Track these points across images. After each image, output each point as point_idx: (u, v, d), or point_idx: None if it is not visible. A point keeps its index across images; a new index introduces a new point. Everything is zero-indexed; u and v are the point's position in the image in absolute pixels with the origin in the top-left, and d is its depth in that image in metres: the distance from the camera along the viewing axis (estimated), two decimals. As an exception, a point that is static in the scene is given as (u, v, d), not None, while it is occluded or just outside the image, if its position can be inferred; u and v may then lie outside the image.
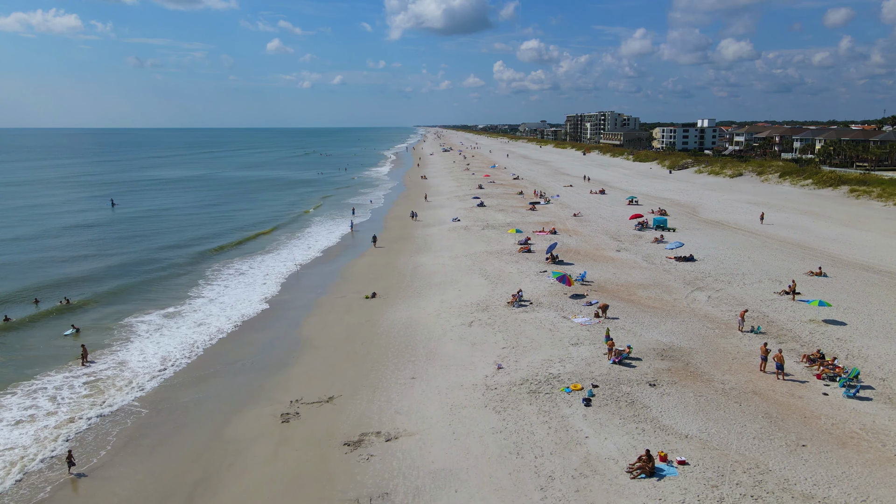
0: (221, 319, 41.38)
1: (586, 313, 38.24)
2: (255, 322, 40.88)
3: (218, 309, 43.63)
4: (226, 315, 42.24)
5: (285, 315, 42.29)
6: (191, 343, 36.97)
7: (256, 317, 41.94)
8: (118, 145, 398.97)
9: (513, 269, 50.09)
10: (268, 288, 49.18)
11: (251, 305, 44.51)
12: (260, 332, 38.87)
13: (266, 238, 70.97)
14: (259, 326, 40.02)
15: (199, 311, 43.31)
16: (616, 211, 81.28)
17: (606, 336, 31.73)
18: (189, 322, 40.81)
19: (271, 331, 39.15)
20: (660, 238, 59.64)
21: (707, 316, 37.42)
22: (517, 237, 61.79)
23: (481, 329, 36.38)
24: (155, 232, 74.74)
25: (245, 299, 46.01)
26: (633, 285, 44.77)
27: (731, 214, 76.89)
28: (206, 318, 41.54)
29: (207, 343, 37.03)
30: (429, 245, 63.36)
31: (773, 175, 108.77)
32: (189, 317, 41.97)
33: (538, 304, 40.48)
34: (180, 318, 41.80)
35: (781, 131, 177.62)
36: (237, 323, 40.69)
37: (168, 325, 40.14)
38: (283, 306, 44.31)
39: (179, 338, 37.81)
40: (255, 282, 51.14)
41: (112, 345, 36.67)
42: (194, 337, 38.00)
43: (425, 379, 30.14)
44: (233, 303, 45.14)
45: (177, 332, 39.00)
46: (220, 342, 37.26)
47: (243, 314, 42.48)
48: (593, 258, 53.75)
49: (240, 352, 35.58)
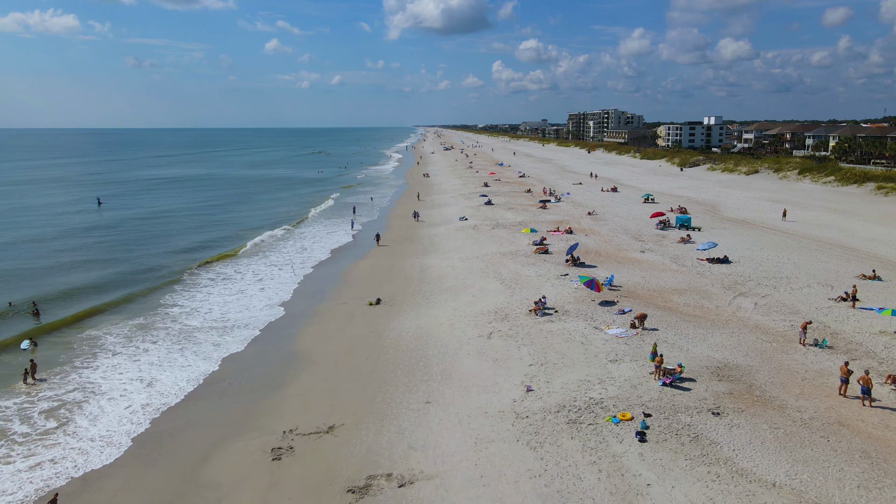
0: (205, 331, 36.82)
1: (620, 323, 33.74)
2: (245, 333, 36.32)
3: (201, 319, 39.08)
4: (210, 325, 37.70)
5: (279, 325, 37.76)
6: (167, 359, 32.41)
7: (246, 327, 37.40)
8: (114, 145, 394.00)
9: (530, 273, 45.61)
10: (259, 294, 44.65)
11: (240, 314, 39.97)
12: (250, 346, 34.32)
13: (258, 239, 66.42)
14: (249, 338, 35.47)
15: (179, 320, 38.75)
16: (632, 209, 76.79)
17: (653, 352, 27.20)
18: (166, 334, 36.24)
19: (263, 343, 34.61)
20: (686, 238, 55.15)
21: (758, 326, 32.91)
22: (532, 237, 57.29)
23: (503, 342, 31.88)
24: (140, 233, 70.19)
25: (233, 307, 41.47)
26: (666, 290, 40.28)
27: (755, 213, 72.45)
28: (187, 329, 36.98)
29: (186, 359, 32.48)
30: (436, 246, 58.87)
31: (791, 172, 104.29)
32: (167, 328, 37.42)
33: (564, 312, 35.98)
34: (156, 330, 37.23)
35: (792, 128, 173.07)
36: (223, 334, 36.13)
37: (141, 339, 35.56)
38: (276, 315, 39.77)
39: (154, 353, 33.25)
40: (246, 288, 46.58)
41: (73, 361, 32.10)
42: (171, 352, 33.45)
43: (442, 404, 25.64)
44: (219, 311, 40.59)
45: (151, 346, 34.43)
46: (202, 358, 32.71)
47: (230, 324, 37.94)
48: (616, 260, 49.26)
49: (225, 369, 31.04)
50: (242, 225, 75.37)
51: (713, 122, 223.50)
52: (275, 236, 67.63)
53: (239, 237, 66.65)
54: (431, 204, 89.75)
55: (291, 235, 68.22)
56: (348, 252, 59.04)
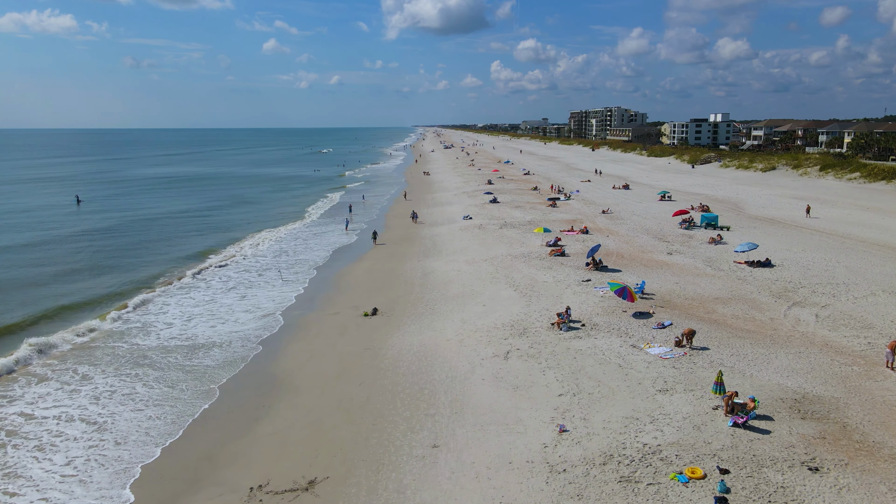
0: (165, 352, 31.42)
1: (661, 340, 28.40)
2: (216, 351, 30.92)
3: (165, 333, 33.68)
4: (176, 341, 32.31)
5: (257, 341, 32.36)
6: (112, 387, 27.02)
7: (218, 343, 31.98)
8: (108, 144, 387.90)
9: (547, 278, 40.26)
10: (238, 304, 39.26)
11: (211, 329, 34.58)
12: (218, 369, 28.90)
13: (244, 241, 61.00)
14: (220, 357, 30.07)
15: (140, 335, 33.37)
16: (649, 207, 71.45)
17: (718, 383, 21.74)
18: (113, 356, 30.84)
19: (235, 365, 29.19)
20: (717, 238, 49.78)
21: (828, 344, 27.57)
22: (545, 237, 51.93)
23: (523, 364, 26.54)
24: (116, 234, 64.75)
25: (204, 321, 36.09)
26: (707, 299, 34.93)
27: (781, 211, 67.13)
28: (142, 350, 31.58)
29: (135, 387, 27.09)
30: (439, 247, 53.50)
31: (812, 168, 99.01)
32: (124, 342, 32.03)
33: (593, 326, 30.62)
34: (105, 349, 31.84)
35: (804, 125, 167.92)
36: (188, 355, 30.72)
37: (85, 359, 30.19)
38: (255, 329, 34.39)
39: (97, 380, 27.85)
40: (222, 298, 41.19)
41: None
42: (119, 377, 28.06)
43: (453, 448, 20.30)
44: (188, 323, 35.22)
45: (93, 370, 29.04)
46: (161, 382, 27.31)
47: (200, 339, 32.55)
48: (642, 263, 43.92)
49: (187, 397, 25.67)
50: (229, 226, 69.98)
51: (720, 120, 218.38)
52: (262, 238, 62.21)
53: (223, 239, 61.22)
54: (433, 202, 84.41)
55: (280, 237, 62.82)
56: (342, 254, 53.67)
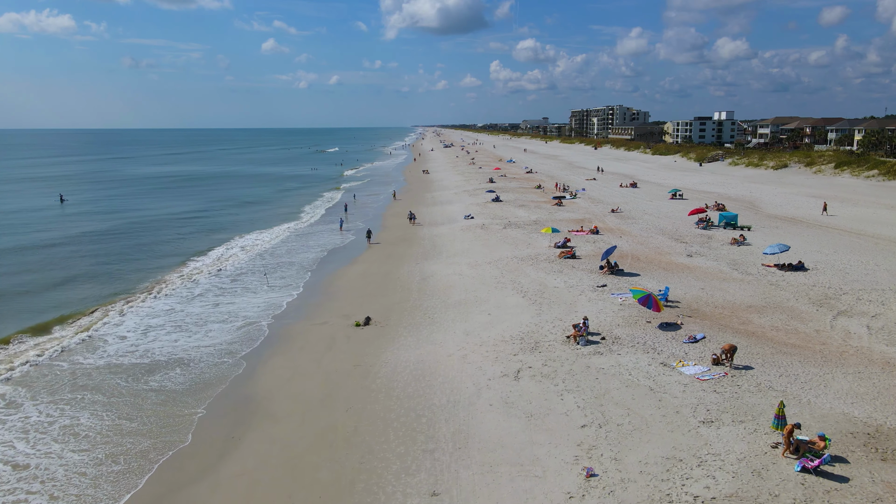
0: (121, 368, 27.68)
1: (695, 356, 24.67)
2: (185, 368, 27.13)
3: (116, 348, 29.83)
4: (129, 358, 28.51)
5: (232, 355, 28.59)
6: (50, 419, 23.27)
7: (183, 360, 28.18)
8: (103, 144, 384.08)
9: (558, 283, 36.53)
10: (214, 312, 35.50)
11: (181, 342, 30.81)
12: (184, 392, 25.12)
13: (234, 240, 57.23)
14: (183, 378, 26.28)
15: (85, 351, 29.62)
16: (661, 206, 67.72)
17: (780, 417, 17.88)
18: (60, 374, 27.11)
19: (203, 386, 25.39)
20: (740, 239, 46.06)
21: (890, 362, 23.83)
22: (553, 238, 48.20)
23: (536, 386, 22.80)
24: (96, 234, 60.98)
25: (171, 330, 32.33)
26: (739, 307, 31.20)
27: (802, 210, 63.41)
28: (91, 364, 27.83)
29: (80, 418, 23.34)
30: (439, 248, 49.75)
31: (826, 166, 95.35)
32: (65, 360, 28.27)
33: (615, 339, 26.89)
34: (55, 358, 28.09)
35: (812, 122, 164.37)
36: (153, 370, 26.97)
37: (21, 380, 26.44)
38: (231, 340, 30.61)
39: (32, 413, 24.11)
40: (194, 306, 37.45)
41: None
42: (59, 403, 24.31)
43: (457, 497, 16.59)
44: (145, 336, 31.43)
45: (29, 402, 25.30)
46: (117, 405, 23.55)
47: (159, 356, 28.77)
48: (661, 266, 40.20)
49: (146, 426, 21.90)
50: (216, 227, 66.22)
51: (724, 118, 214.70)
52: (250, 240, 58.44)
53: (208, 242, 57.32)
54: (432, 201, 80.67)
55: (270, 238, 59.04)
56: (335, 256, 49.91)
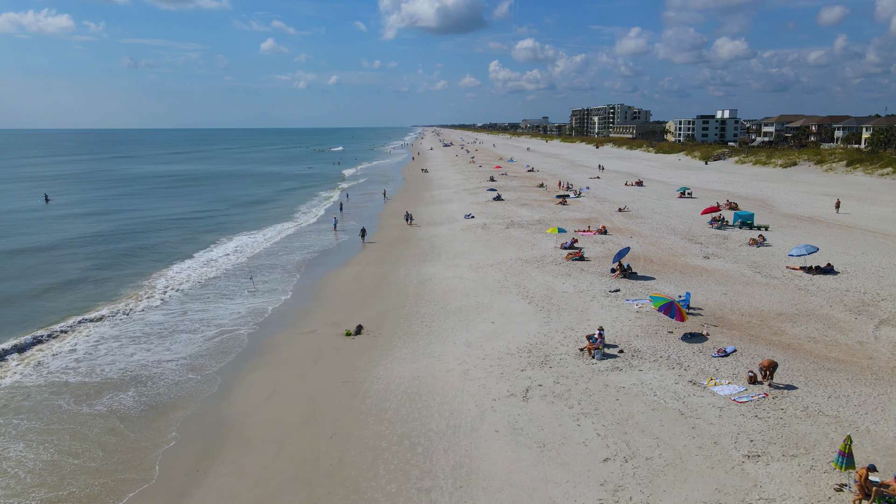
0: (76, 387, 24.75)
1: (728, 373, 21.78)
2: (141, 388, 24.18)
3: (72, 360, 26.93)
4: (83, 374, 25.57)
5: (204, 369, 25.65)
6: (1, 435, 20.36)
7: (149, 375, 25.25)
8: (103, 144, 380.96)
9: (567, 287, 33.64)
10: (189, 320, 32.57)
11: (143, 351, 27.89)
12: (143, 415, 22.18)
13: (220, 241, 54.31)
14: (146, 397, 23.35)
15: (46, 361, 26.69)
16: (670, 205, 64.87)
17: (846, 454, 14.88)
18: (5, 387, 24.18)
19: (170, 406, 22.43)
20: (759, 240, 43.18)
21: (951, 380, 20.96)
22: (559, 238, 45.32)
23: (548, 408, 19.91)
24: (77, 235, 58.01)
25: (139, 340, 29.41)
26: (768, 315, 28.32)
27: (817, 208, 60.61)
28: (46, 378, 24.92)
29: (28, 437, 20.42)
30: (438, 250, 46.86)
31: (837, 164, 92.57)
32: (19, 372, 25.35)
33: (634, 352, 23.99)
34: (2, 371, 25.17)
35: (818, 120, 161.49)
36: (102, 391, 24.02)
37: None
38: (205, 352, 27.68)
39: (6, 422, 21.18)
40: (162, 314, 34.54)
41: None
42: (6, 428, 21.40)
43: (458, 553, 13.67)
44: (108, 348, 28.51)
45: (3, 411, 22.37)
46: (57, 435, 20.63)
47: (122, 371, 25.83)
48: (678, 269, 37.32)
49: (93, 462, 18.98)
50: (204, 227, 63.28)
51: (727, 116, 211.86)
52: (239, 241, 55.52)
53: (193, 243, 54.38)
54: (431, 200, 77.77)
55: (261, 238, 56.12)
56: (328, 258, 47.01)
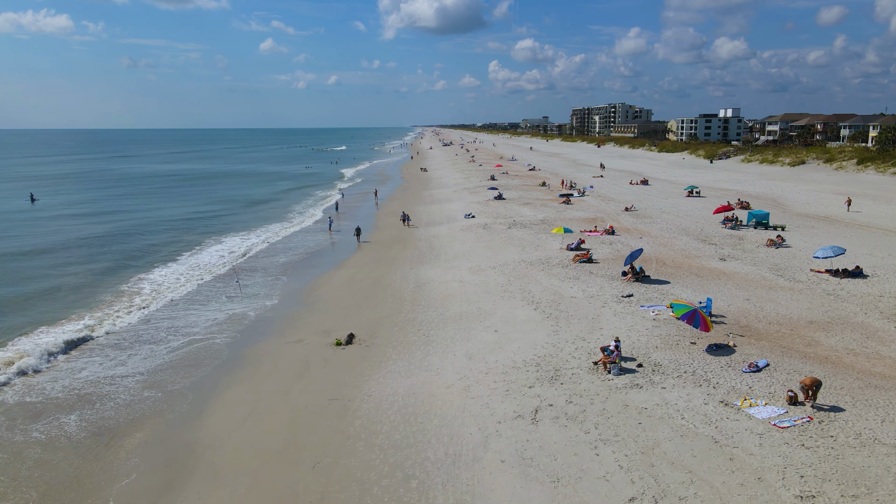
0: (11, 408, 22.30)
1: (763, 391, 19.33)
2: (91, 410, 21.74)
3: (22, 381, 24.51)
4: (18, 393, 23.11)
5: (177, 383, 23.17)
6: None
7: (126, 388, 22.81)
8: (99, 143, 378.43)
9: (575, 292, 31.19)
10: (165, 326, 30.13)
11: (125, 360, 25.45)
12: (105, 439, 19.70)
13: (208, 242, 51.88)
14: (105, 417, 20.89)
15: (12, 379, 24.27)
16: (678, 204, 62.44)
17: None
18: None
19: (135, 427, 19.95)
20: (778, 240, 40.74)
21: None
22: (565, 239, 42.88)
23: (561, 433, 17.46)
24: (57, 236, 55.62)
25: (119, 348, 26.96)
26: (798, 323, 25.88)
27: (831, 208, 58.18)
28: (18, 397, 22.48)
29: (-4, 462, 17.98)
30: (437, 251, 44.42)
31: (848, 162, 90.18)
32: None
33: (654, 367, 21.54)
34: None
35: (824, 118, 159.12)
36: (40, 414, 21.57)
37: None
38: (185, 362, 25.21)
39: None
40: (143, 321, 32.08)
41: None
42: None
43: None
44: (77, 358, 26.08)
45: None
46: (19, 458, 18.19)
47: (68, 389, 23.37)
48: (693, 272, 34.88)
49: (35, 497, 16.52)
50: (195, 227, 60.85)
51: (730, 115, 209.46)
52: (229, 241, 53.09)
53: (182, 244, 51.98)
54: (430, 200, 75.34)
55: (253, 239, 53.66)
56: (320, 259, 44.57)
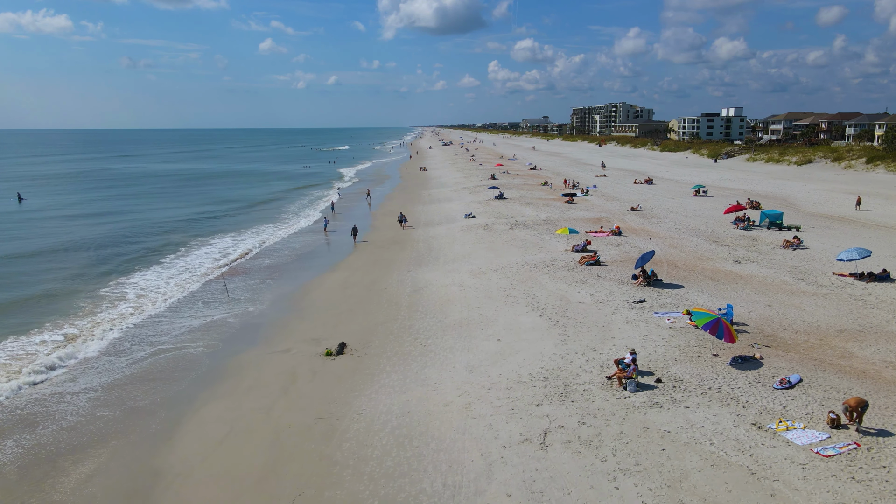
0: None
1: (799, 412, 17.29)
2: (61, 427, 19.68)
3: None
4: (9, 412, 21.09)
5: (151, 398, 21.10)
6: None
7: (77, 407, 20.75)
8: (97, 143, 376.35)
9: (583, 297, 29.16)
10: (139, 332, 28.08)
11: (91, 371, 23.41)
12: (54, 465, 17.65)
13: (196, 242, 49.86)
14: (66, 438, 18.83)
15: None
16: (686, 204, 60.41)
17: None
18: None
19: (93, 451, 17.88)
20: (794, 242, 38.72)
21: None
22: (571, 240, 40.85)
23: (574, 460, 15.42)
24: (40, 238, 53.62)
25: (89, 354, 24.92)
26: (827, 332, 23.84)
27: (844, 207, 56.18)
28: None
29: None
30: (435, 252, 42.39)
31: (857, 161, 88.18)
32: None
33: (675, 382, 19.50)
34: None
35: (828, 117, 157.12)
36: (13, 433, 19.53)
37: None
38: (156, 375, 23.13)
39: None
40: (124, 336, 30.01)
41: None
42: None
43: None
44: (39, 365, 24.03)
45: None
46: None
47: (46, 404, 21.34)
48: (708, 276, 32.84)
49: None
50: (185, 228, 58.80)
51: (732, 114, 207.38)
52: (219, 242, 51.05)
53: (167, 246, 49.89)
54: (429, 199, 73.31)
55: (247, 239, 51.62)
56: (314, 261, 42.54)
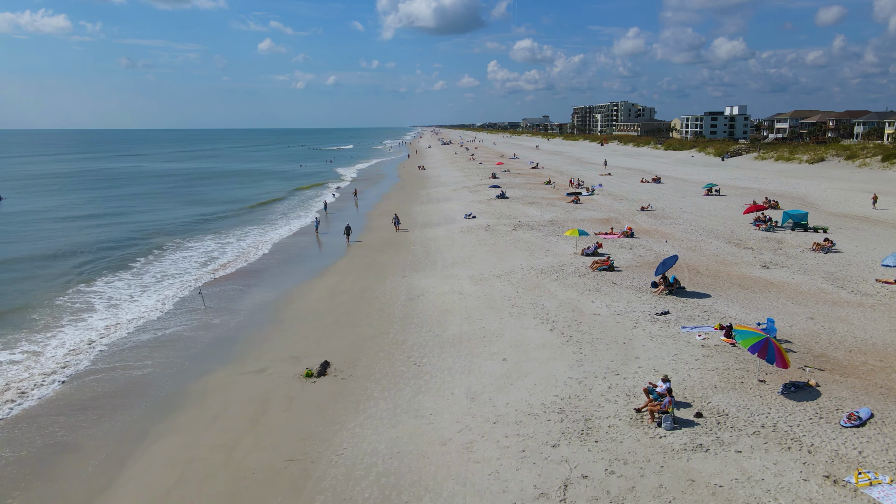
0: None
1: (878, 458, 14.05)
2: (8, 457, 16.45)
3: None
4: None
5: (94, 432, 17.81)
6: None
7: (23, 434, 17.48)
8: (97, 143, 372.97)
9: (599, 307, 25.91)
10: (96, 346, 24.81)
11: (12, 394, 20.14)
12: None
13: (187, 242, 46.58)
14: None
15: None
16: (698, 203, 57.18)
17: None
18: None
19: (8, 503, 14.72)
20: (825, 244, 35.47)
21: None
22: (580, 242, 37.60)
23: (607, 527, 12.14)
24: (23, 236, 50.34)
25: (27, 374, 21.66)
26: (886, 351, 20.61)
27: (867, 208, 52.96)
28: None
29: None
30: (433, 256, 39.14)
31: (871, 159, 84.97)
32: None
33: (718, 416, 16.25)
34: None
35: (835, 115, 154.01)
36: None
37: None
38: (103, 399, 19.84)
39: None
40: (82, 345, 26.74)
41: None
42: None
43: None
44: None
45: None
46: None
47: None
48: (734, 282, 29.59)
49: None
50: (168, 230, 55.51)
51: (736, 113, 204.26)
52: (200, 245, 47.78)
53: (150, 247, 46.70)
54: (427, 199, 70.07)
55: (229, 241, 48.35)
56: (302, 265, 39.27)
